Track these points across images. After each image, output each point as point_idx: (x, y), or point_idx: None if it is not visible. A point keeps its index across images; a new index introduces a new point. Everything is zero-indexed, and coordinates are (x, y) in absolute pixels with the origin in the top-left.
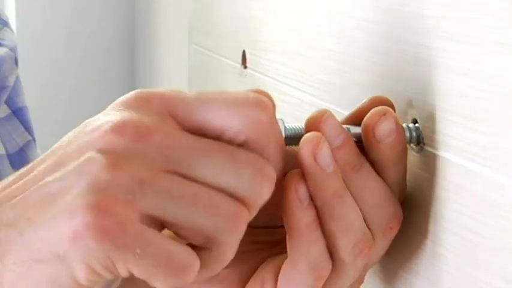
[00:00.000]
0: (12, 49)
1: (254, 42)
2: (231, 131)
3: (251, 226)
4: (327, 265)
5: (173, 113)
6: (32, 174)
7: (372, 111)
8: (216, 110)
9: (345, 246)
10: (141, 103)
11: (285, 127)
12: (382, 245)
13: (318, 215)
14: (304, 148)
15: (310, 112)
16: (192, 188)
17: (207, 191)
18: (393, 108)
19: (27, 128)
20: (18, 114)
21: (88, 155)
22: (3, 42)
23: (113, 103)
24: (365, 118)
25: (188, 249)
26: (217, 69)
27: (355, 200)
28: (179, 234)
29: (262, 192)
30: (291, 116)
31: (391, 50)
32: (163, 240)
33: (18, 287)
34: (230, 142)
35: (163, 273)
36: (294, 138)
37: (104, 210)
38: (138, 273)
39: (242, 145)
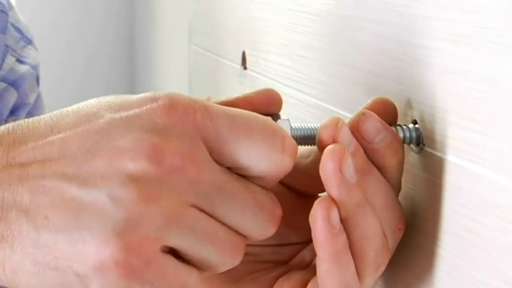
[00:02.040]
0: (34, 67)
1: (254, 43)
2: (256, 170)
3: (259, 245)
4: (358, 286)
5: (205, 139)
6: (50, 151)
7: (353, 116)
8: (247, 150)
9: (368, 255)
10: (174, 122)
11: (290, 127)
12: (391, 246)
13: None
14: (330, 159)
15: (309, 113)
16: (213, 227)
17: (223, 230)
18: (395, 109)
19: None
20: None
21: (120, 179)
22: (25, 60)
23: (142, 111)
24: (348, 123)
25: (197, 275)
26: (217, 70)
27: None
28: (185, 258)
29: (268, 234)
30: (291, 116)
31: (390, 51)
32: (178, 270)
33: (18, 276)
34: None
35: None
36: (300, 139)
37: (136, 250)
38: None
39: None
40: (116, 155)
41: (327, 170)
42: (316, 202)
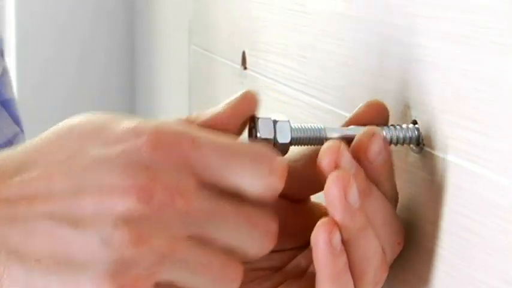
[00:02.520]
0: None
1: (254, 43)
2: (249, 193)
3: None
4: None
5: (194, 170)
6: (37, 187)
7: (360, 135)
8: (236, 176)
9: (368, 275)
10: (161, 157)
11: (290, 128)
12: (389, 260)
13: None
14: (335, 186)
15: (309, 113)
16: (207, 257)
17: (219, 257)
18: (387, 111)
19: (16, 120)
20: (6, 105)
21: (110, 220)
22: None
23: (127, 148)
24: (354, 143)
25: None
26: (217, 70)
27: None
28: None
29: (266, 250)
30: (291, 117)
31: (390, 51)
32: None
33: None
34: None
35: None
36: (300, 139)
37: None
38: None
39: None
40: (105, 195)
41: (331, 196)
42: (318, 224)
